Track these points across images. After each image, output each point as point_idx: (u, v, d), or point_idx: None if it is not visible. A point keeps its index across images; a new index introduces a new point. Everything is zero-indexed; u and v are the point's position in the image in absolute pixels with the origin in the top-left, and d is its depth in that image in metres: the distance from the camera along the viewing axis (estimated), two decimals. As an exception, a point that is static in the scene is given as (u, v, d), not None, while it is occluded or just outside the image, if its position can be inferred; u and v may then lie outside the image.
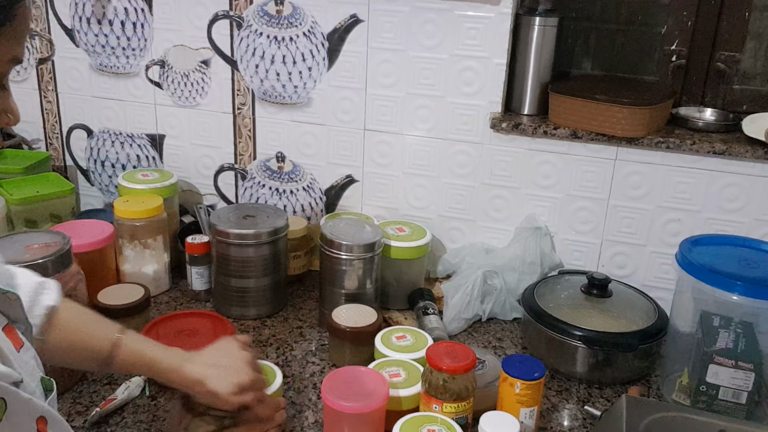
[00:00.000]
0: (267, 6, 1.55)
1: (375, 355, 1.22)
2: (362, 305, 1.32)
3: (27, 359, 0.72)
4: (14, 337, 0.71)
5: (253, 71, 1.61)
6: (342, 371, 1.08)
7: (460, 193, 1.56)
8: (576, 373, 1.26)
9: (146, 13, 1.65)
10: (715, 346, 1.10)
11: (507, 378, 1.06)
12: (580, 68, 1.62)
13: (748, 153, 1.33)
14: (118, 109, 1.75)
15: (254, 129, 1.66)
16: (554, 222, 1.52)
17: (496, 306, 1.44)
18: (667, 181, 1.42)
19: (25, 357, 0.71)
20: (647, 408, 1.00)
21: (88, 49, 1.72)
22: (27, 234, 1.25)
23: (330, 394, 1.01)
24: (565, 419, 1.17)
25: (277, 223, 1.42)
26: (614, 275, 1.43)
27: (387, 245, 1.43)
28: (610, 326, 1.27)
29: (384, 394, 1.02)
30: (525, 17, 1.46)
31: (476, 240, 1.58)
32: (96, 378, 1.20)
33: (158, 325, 1.27)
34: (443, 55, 1.47)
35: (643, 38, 1.55)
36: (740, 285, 1.11)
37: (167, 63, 1.67)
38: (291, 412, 1.14)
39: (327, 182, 1.65)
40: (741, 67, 1.50)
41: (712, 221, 1.41)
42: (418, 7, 1.46)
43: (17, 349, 0.70)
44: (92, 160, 1.83)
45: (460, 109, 1.50)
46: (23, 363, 0.70)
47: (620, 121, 1.37)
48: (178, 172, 1.69)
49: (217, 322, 1.31)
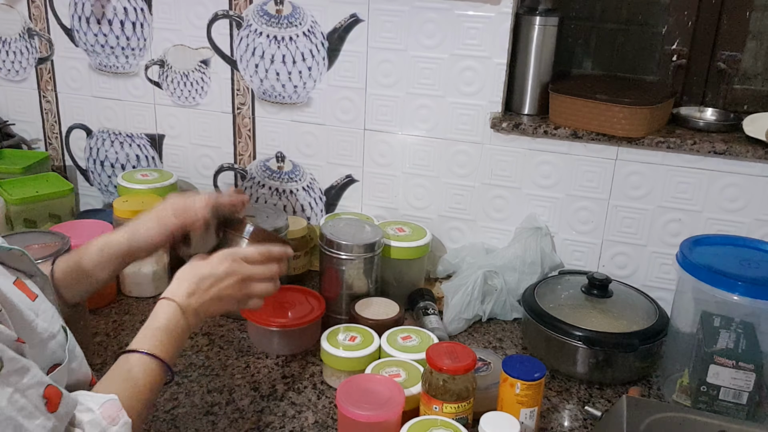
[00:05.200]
0: (267, 5, 1.55)
1: (381, 355, 1.22)
2: (384, 299, 1.36)
3: (45, 308, 0.77)
4: (26, 290, 0.76)
5: (252, 71, 1.61)
6: (356, 379, 1.07)
7: (460, 193, 1.56)
8: (576, 373, 1.26)
9: (146, 12, 1.64)
10: (715, 347, 1.10)
11: (507, 378, 1.06)
12: (580, 68, 1.62)
13: (749, 153, 1.33)
14: (118, 109, 1.75)
15: (254, 129, 1.66)
16: (554, 222, 1.52)
17: (497, 306, 1.44)
18: (667, 181, 1.41)
19: (43, 306, 0.77)
20: (648, 408, 1.00)
21: (88, 49, 1.72)
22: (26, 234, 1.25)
23: (346, 403, 1.00)
24: (565, 420, 1.17)
25: (277, 223, 1.42)
26: (615, 275, 1.43)
27: (387, 245, 1.43)
28: (611, 326, 1.27)
29: (400, 402, 1.01)
30: (525, 17, 1.46)
31: (476, 240, 1.57)
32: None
33: None
34: (443, 55, 1.47)
35: (643, 38, 1.55)
36: (741, 285, 1.11)
37: (167, 63, 1.67)
38: (291, 413, 1.14)
39: (327, 182, 1.65)
40: (742, 67, 1.50)
41: (713, 221, 1.41)
42: (418, 7, 1.45)
43: (32, 299, 0.76)
44: (92, 160, 1.83)
45: (460, 109, 1.50)
46: (41, 311, 0.76)
47: (620, 121, 1.37)
48: (177, 172, 1.69)
49: (309, 295, 1.37)
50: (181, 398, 1.16)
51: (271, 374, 1.24)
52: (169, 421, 1.10)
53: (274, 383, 1.22)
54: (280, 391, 1.20)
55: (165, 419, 1.11)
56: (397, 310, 1.32)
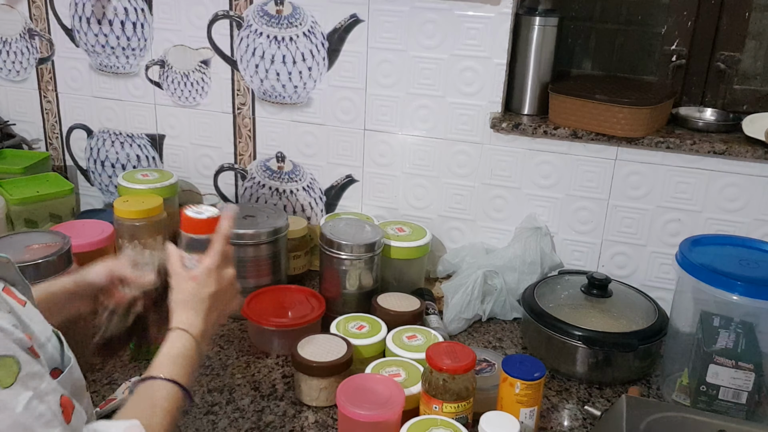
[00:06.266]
0: (267, 6, 1.55)
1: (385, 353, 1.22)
2: (403, 294, 1.38)
3: (35, 313, 0.75)
4: (15, 297, 0.74)
5: (253, 71, 1.61)
6: (356, 378, 1.08)
7: (460, 193, 1.56)
8: (576, 373, 1.26)
9: (146, 13, 1.65)
10: (715, 346, 1.10)
11: (507, 378, 1.06)
12: (580, 68, 1.62)
13: (748, 153, 1.33)
14: (118, 109, 1.75)
15: (254, 129, 1.66)
16: (554, 222, 1.52)
17: (497, 306, 1.44)
18: (667, 181, 1.42)
19: (33, 312, 0.75)
20: (647, 408, 1.00)
21: (88, 49, 1.72)
22: (27, 234, 1.25)
23: (346, 403, 1.00)
24: (565, 419, 1.17)
25: (277, 223, 1.42)
26: (614, 275, 1.43)
27: (387, 245, 1.43)
28: (610, 326, 1.27)
29: (400, 402, 1.02)
30: (525, 17, 1.46)
31: (476, 240, 1.58)
32: (96, 378, 1.20)
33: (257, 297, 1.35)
34: (443, 55, 1.47)
35: (643, 38, 1.55)
36: (740, 285, 1.11)
37: (167, 63, 1.67)
38: (291, 412, 1.14)
39: (327, 182, 1.65)
40: (741, 67, 1.50)
41: (712, 221, 1.41)
42: (418, 7, 1.46)
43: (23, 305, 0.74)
44: (92, 160, 1.83)
45: (460, 109, 1.50)
46: (33, 316, 0.74)
47: (620, 121, 1.37)
48: (178, 172, 1.69)
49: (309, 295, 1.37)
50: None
51: (271, 374, 1.25)
52: (170, 420, 1.10)
53: (274, 383, 1.22)
54: (280, 390, 1.20)
55: (165, 419, 1.11)
56: (418, 304, 1.34)
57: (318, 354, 1.16)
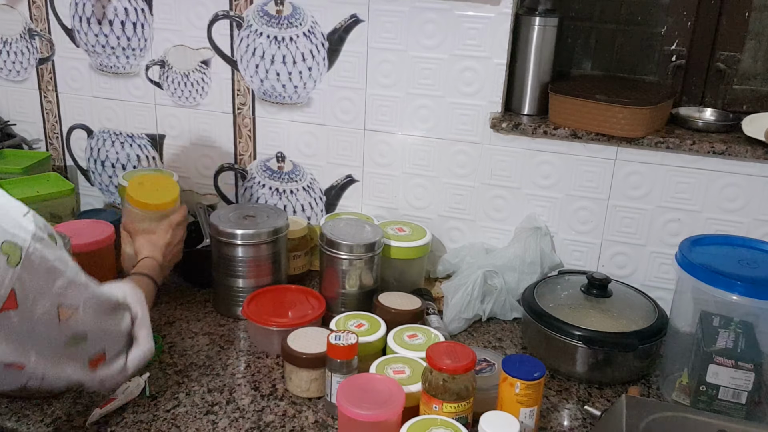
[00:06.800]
0: (267, 6, 1.55)
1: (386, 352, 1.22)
2: (404, 293, 1.38)
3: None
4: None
5: (253, 71, 1.61)
6: (356, 378, 1.08)
7: (460, 193, 1.56)
8: (576, 373, 1.26)
9: (146, 13, 1.65)
10: (715, 346, 1.10)
11: (507, 378, 1.06)
12: (580, 68, 1.62)
13: (748, 153, 1.33)
14: (118, 109, 1.75)
15: (254, 129, 1.66)
16: (554, 222, 1.52)
17: (496, 306, 1.44)
18: (666, 181, 1.42)
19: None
20: (647, 408, 1.00)
21: (88, 49, 1.72)
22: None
23: (346, 402, 1.00)
24: (565, 419, 1.17)
25: (277, 223, 1.42)
26: (614, 275, 1.43)
27: (387, 245, 1.43)
28: (610, 326, 1.27)
29: (400, 402, 1.01)
30: (525, 17, 1.46)
31: (476, 240, 1.58)
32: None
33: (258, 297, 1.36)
34: (443, 55, 1.47)
35: (643, 38, 1.55)
36: (740, 285, 1.11)
37: (167, 63, 1.67)
38: (291, 412, 1.14)
39: (327, 182, 1.65)
40: (741, 67, 1.50)
41: (712, 221, 1.41)
42: (418, 7, 1.46)
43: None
44: (92, 160, 1.83)
45: (460, 109, 1.50)
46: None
47: (620, 121, 1.37)
48: (178, 172, 1.69)
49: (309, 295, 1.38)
50: (181, 398, 1.16)
51: (271, 374, 1.25)
52: (170, 420, 1.11)
53: (275, 383, 1.22)
54: (280, 390, 1.20)
55: (165, 419, 1.11)
56: (419, 303, 1.34)
57: (308, 346, 1.18)
